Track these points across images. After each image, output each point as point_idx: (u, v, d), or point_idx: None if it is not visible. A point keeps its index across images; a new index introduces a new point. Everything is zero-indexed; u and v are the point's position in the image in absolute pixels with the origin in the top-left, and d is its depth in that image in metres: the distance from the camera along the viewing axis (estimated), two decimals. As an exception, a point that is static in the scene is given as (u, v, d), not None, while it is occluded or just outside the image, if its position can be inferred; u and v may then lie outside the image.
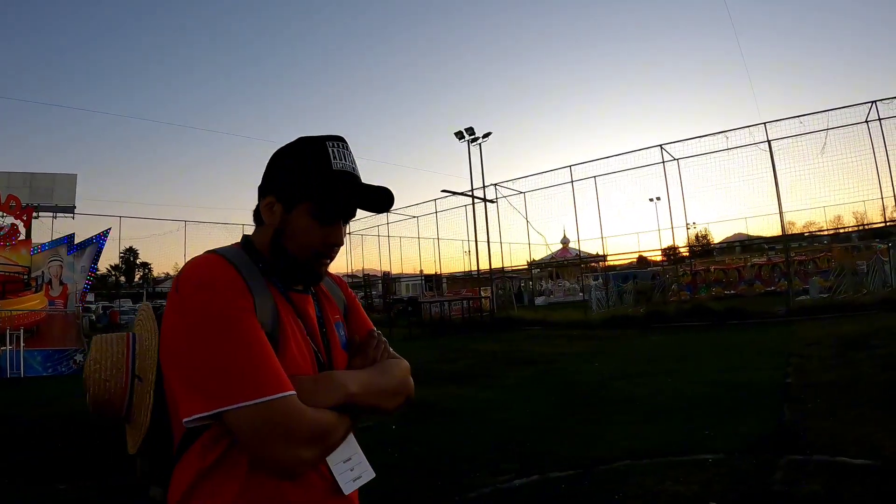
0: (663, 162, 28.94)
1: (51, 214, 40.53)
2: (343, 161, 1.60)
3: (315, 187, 1.56)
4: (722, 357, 13.28)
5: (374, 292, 43.98)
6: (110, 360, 1.53)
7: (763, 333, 17.13)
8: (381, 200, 1.68)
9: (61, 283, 17.27)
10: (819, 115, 24.50)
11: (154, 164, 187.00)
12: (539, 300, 38.20)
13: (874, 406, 7.62)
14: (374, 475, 1.61)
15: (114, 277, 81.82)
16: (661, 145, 28.37)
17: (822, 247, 35.49)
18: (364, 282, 46.16)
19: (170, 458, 1.49)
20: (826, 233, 27.29)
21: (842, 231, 28.84)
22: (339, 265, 46.79)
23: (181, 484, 1.42)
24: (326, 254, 1.64)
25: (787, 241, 28.83)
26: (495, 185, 34.12)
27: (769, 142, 25.54)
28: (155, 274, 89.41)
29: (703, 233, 45.72)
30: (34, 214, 31.29)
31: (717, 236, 39.81)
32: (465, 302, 31.16)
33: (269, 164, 1.66)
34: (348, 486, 1.56)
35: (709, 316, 23.78)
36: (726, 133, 26.59)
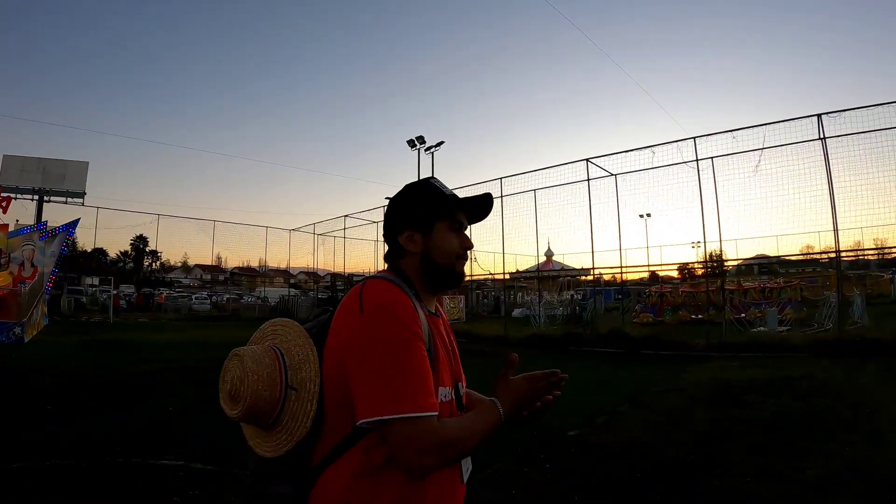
0: (589, 179, 26.41)
1: (63, 199, 42.20)
2: (447, 188, 1.92)
3: (444, 207, 1.87)
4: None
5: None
6: (266, 372, 1.66)
7: (648, 369, 15.96)
8: (487, 204, 1.97)
9: (32, 265, 14.82)
10: (754, 130, 21.25)
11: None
12: (517, 312, 37.34)
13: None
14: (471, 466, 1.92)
15: (122, 264, 79.93)
16: (587, 159, 26.16)
17: (798, 274, 28.78)
18: (331, 283, 49.32)
19: (305, 460, 1.68)
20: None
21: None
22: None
23: (335, 483, 1.60)
24: (464, 255, 1.92)
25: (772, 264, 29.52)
26: None
27: (697, 160, 22.59)
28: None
29: (717, 252, 35.70)
30: (45, 198, 37.26)
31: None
32: None
33: (389, 211, 1.97)
34: (465, 475, 1.86)
35: (625, 343, 20.80)
36: (653, 148, 23.95)
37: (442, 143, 30.90)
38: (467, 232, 1.95)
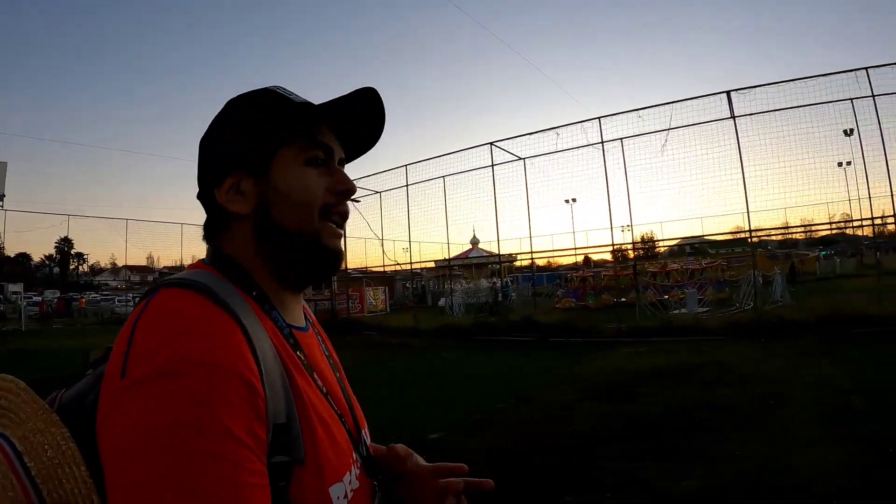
0: (493, 164, 24.93)
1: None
2: (297, 96, 1.09)
3: (289, 123, 1.07)
4: (434, 385, 11.96)
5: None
6: None
7: (553, 358, 14.95)
8: (371, 109, 1.15)
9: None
10: (663, 109, 20.28)
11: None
12: (443, 301, 35.44)
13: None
14: None
15: (48, 268, 77.90)
16: (491, 143, 24.83)
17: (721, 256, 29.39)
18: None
19: None
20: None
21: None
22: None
23: None
24: (337, 208, 1.10)
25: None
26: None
27: (602, 142, 21.42)
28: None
29: (650, 235, 40.11)
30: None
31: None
32: (315, 304, 29.33)
33: (205, 144, 1.11)
34: None
35: (536, 330, 19.59)
36: (557, 129, 22.81)
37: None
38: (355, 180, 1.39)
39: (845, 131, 18.15)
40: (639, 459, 6.28)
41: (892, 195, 17.42)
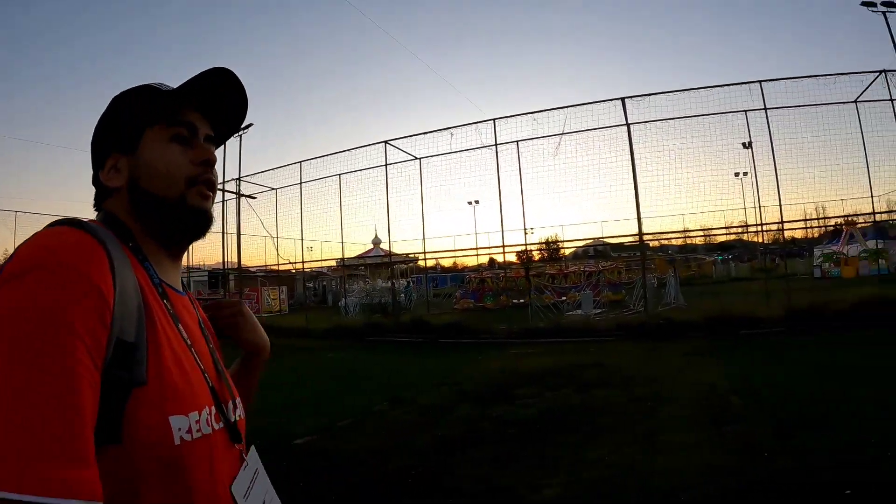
0: (387, 164, 24.30)
1: None
2: (167, 86, 1.24)
3: (157, 106, 1.21)
4: (311, 387, 11.75)
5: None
6: None
7: (441, 359, 14.82)
8: (229, 88, 1.29)
9: None
10: (557, 113, 20.14)
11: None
12: (349, 300, 34.29)
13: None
14: None
15: None
16: (385, 141, 24.31)
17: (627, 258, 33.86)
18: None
19: None
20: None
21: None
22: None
23: None
24: (203, 177, 1.24)
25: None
26: (238, 179, 29.19)
27: (496, 144, 21.31)
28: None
29: (554, 238, 39.62)
30: None
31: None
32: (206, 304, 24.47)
33: (94, 134, 1.28)
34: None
35: (427, 332, 19.46)
36: (452, 129, 22.47)
37: (251, 125, 28.68)
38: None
39: (743, 144, 18.72)
40: (504, 465, 6.08)
41: (779, 205, 18.06)
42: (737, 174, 19.90)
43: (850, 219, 28.73)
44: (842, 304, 15.94)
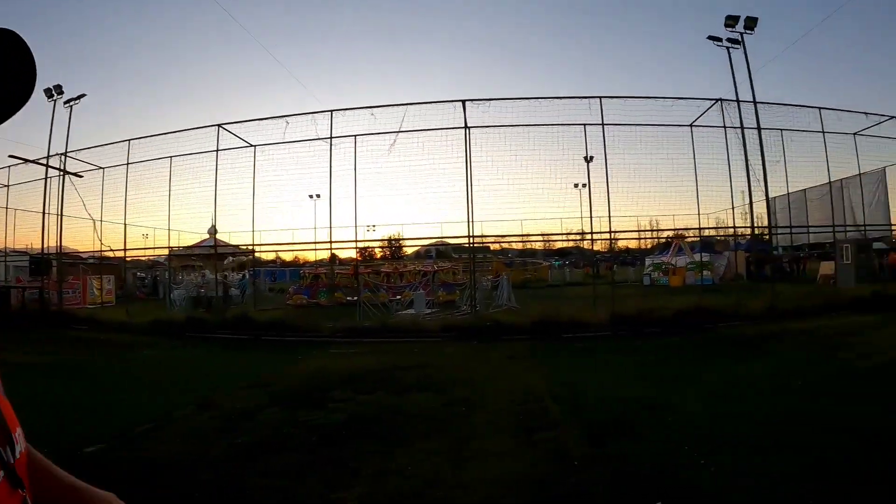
0: (218, 149, 22.74)
1: None
2: None
3: None
4: (113, 388, 10.54)
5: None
6: None
7: (261, 357, 14.18)
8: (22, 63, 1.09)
9: None
10: (397, 109, 19.86)
11: None
12: (177, 293, 31.50)
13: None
14: None
15: None
16: (219, 125, 22.75)
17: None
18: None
19: None
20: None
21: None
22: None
23: None
24: None
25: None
26: (64, 154, 26.57)
27: (331, 137, 20.54)
28: None
29: (397, 236, 41.50)
30: None
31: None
32: (24, 291, 27.65)
33: None
34: None
35: (251, 328, 18.53)
36: (287, 118, 21.45)
37: (83, 95, 26.69)
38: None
39: (585, 157, 19.22)
40: (302, 475, 5.68)
41: (609, 216, 18.87)
42: (576, 185, 20.59)
43: (679, 232, 30.46)
44: (666, 311, 16.71)
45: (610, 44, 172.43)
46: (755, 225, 23.49)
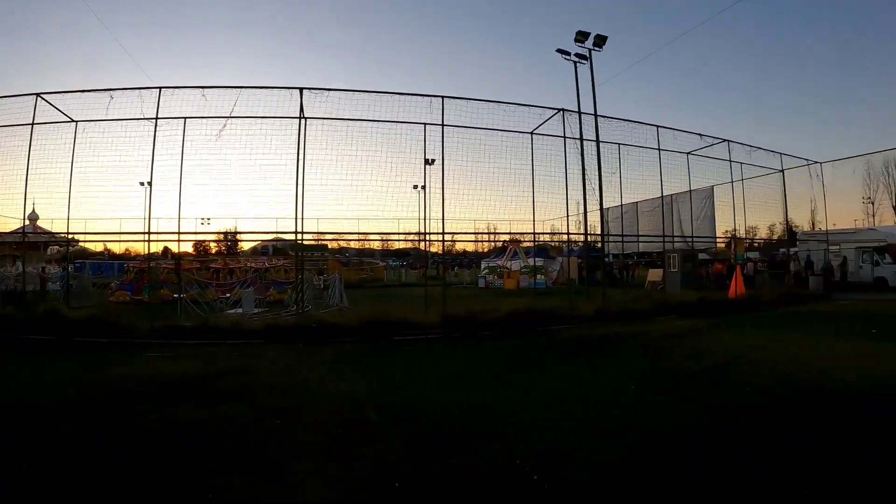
0: (34, 122, 19.31)
1: None
2: None
3: None
4: None
5: None
6: None
7: (67, 363, 12.14)
8: None
9: None
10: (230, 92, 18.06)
11: None
12: None
13: None
14: None
15: None
16: (38, 94, 19.25)
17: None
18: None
19: None
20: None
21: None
22: None
23: None
24: None
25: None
26: None
27: (157, 118, 18.29)
28: None
29: (234, 230, 34.38)
30: None
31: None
32: None
33: None
34: None
35: (62, 327, 16.17)
36: (112, 92, 18.57)
37: None
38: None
39: (425, 158, 18.77)
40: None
41: (442, 218, 18.40)
42: (415, 187, 19.96)
43: (514, 237, 30.99)
44: (498, 313, 16.61)
45: (458, 46, 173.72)
46: (588, 232, 24.05)
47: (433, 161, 19.39)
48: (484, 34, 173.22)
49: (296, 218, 17.29)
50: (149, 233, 18.10)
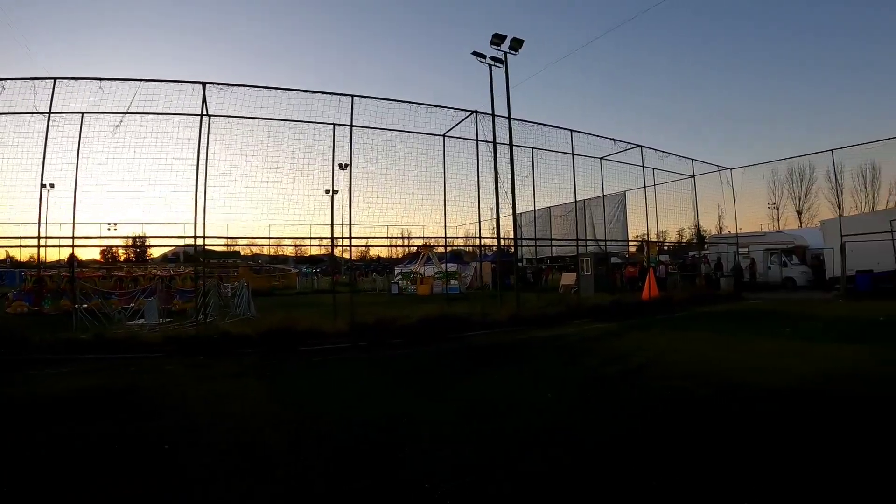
0: None
1: None
2: None
3: None
4: None
5: None
6: None
7: None
8: None
9: None
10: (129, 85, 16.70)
11: None
12: None
13: None
14: None
15: None
16: None
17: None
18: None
19: None
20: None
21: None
22: None
23: None
24: None
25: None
26: None
27: (50, 112, 16.69)
28: None
29: (142, 235, 36.78)
30: None
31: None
32: None
33: None
34: None
35: None
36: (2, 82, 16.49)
37: None
38: None
39: (338, 162, 18.26)
40: None
41: (350, 223, 17.93)
42: (328, 191, 19.21)
43: (427, 241, 30.81)
44: (409, 320, 16.21)
45: (372, 48, 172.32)
46: (501, 237, 23.66)
47: (346, 166, 18.82)
48: (399, 35, 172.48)
49: (195, 223, 16.33)
50: (39, 237, 16.84)
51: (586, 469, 5.50)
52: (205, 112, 16.89)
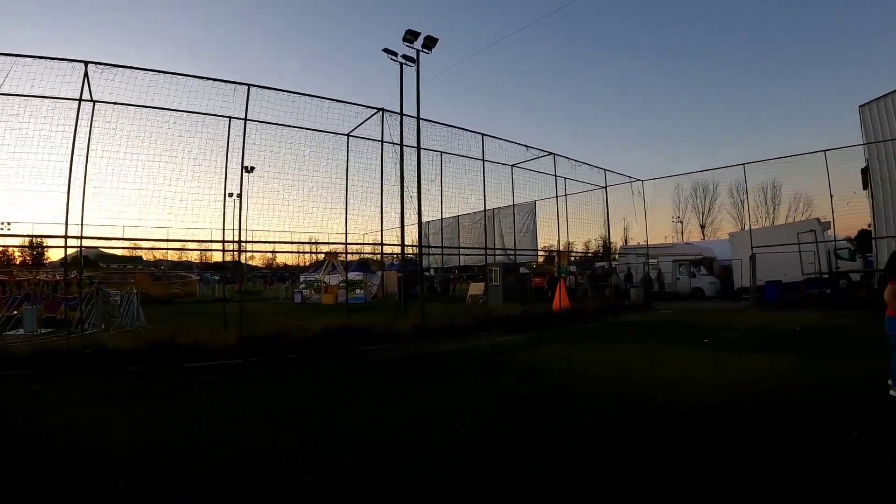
0: None
1: None
2: None
3: None
4: None
5: None
6: None
7: None
8: None
9: None
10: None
11: None
12: None
13: None
14: None
15: None
16: None
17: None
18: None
19: None
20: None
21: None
22: None
23: None
24: None
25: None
26: None
27: None
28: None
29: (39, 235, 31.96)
30: None
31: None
32: None
33: None
34: None
35: None
36: None
37: None
38: None
39: (246, 168, 17.23)
40: None
41: (239, 228, 17.08)
42: (231, 195, 17.96)
43: (332, 248, 30.03)
44: (308, 333, 15.45)
45: (277, 40, 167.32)
46: (407, 244, 23.25)
47: (253, 169, 17.99)
48: (307, 28, 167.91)
49: (66, 223, 14.59)
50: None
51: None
52: (87, 97, 15.17)
